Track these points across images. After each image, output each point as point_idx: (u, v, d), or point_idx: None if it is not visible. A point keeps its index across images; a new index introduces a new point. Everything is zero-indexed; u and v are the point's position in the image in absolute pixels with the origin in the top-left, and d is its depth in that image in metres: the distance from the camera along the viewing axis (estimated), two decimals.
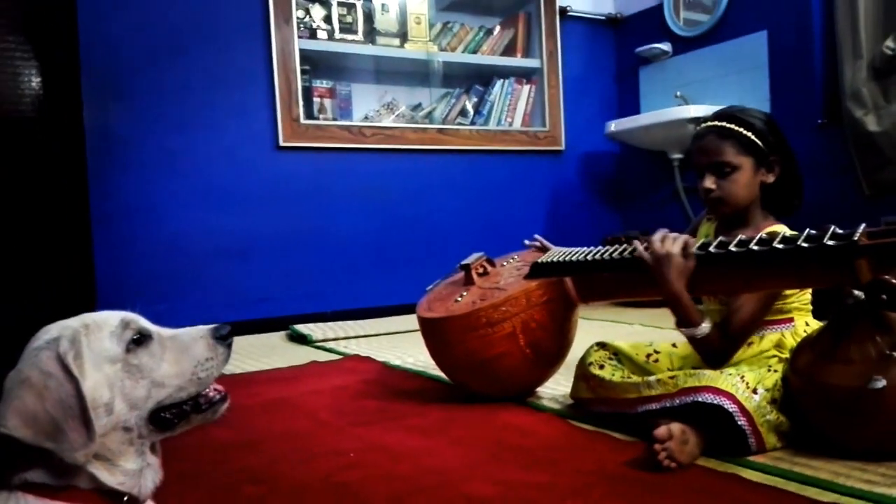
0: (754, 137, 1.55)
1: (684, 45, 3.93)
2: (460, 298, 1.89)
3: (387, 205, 3.68)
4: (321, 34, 3.58)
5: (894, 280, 1.20)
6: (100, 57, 3.01)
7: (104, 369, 0.81)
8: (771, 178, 1.58)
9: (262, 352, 2.83)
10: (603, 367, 1.65)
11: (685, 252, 1.43)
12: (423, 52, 3.84)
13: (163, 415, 0.85)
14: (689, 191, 3.68)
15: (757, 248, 1.30)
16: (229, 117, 3.32)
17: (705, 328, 1.45)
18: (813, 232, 1.26)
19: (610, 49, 4.41)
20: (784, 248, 1.27)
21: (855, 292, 1.30)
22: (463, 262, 2.01)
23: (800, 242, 1.25)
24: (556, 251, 1.82)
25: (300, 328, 3.14)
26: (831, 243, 1.21)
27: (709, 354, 1.49)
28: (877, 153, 3.01)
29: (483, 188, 3.94)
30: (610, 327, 3.08)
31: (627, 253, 1.54)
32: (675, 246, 1.44)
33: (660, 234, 1.48)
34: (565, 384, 1.84)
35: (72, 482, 0.79)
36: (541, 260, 1.77)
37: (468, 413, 1.76)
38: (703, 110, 3.33)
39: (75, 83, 2.58)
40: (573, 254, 1.70)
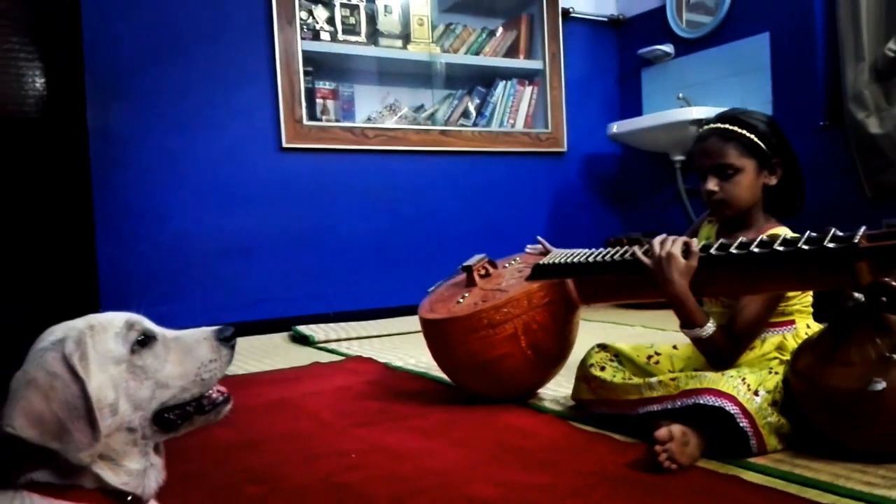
0: (757, 140, 1.55)
1: (687, 46, 3.93)
2: (462, 300, 1.89)
3: (389, 206, 3.69)
4: (324, 35, 3.59)
5: (894, 282, 1.20)
6: (103, 57, 3.02)
7: (109, 370, 0.82)
8: (773, 181, 1.58)
9: (264, 352, 2.83)
10: (604, 369, 1.65)
11: (686, 252, 1.44)
12: (426, 53, 3.85)
13: (166, 416, 0.86)
14: (691, 192, 3.68)
15: (758, 251, 1.31)
16: (232, 118, 3.33)
17: (709, 329, 1.46)
18: (813, 234, 1.27)
19: (612, 50, 4.41)
20: (784, 250, 1.27)
21: (855, 294, 1.30)
22: (465, 264, 2.02)
23: (800, 245, 1.26)
24: (557, 253, 1.83)
25: (302, 329, 3.14)
26: (832, 246, 1.22)
27: (714, 356, 1.49)
28: (878, 155, 3.01)
29: (485, 189, 3.94)
30: (611, 329, 3.09)
31: (629, 255, 1.55)
32: (676, 247, 1.45)
33: (659, 238, 1.49)
34: (566, 386, 1.84)
35: (76, 482, 0.80)
36: (542, 261, 1.77)
37: (469, 414, 1.76)
38: (705, 112, 3.33)
39: (79, 84, 2.60)
40: (575, 255, 1.70)
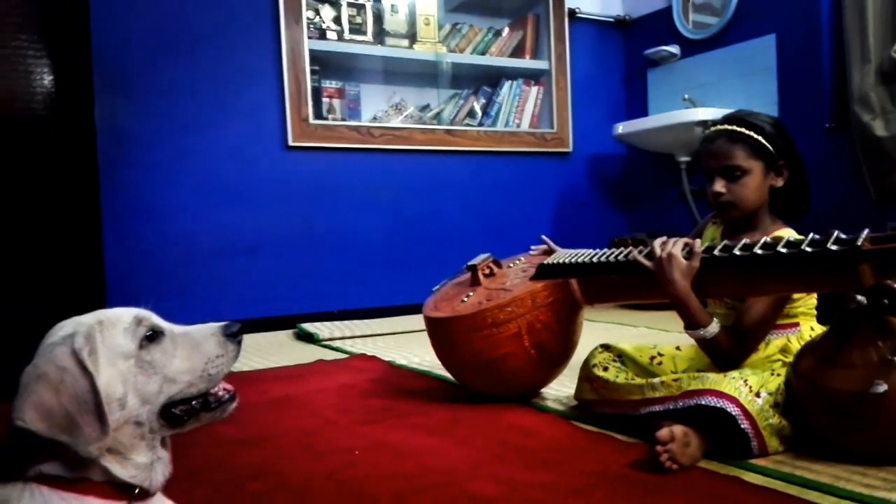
0: (764, 141, 1.55)
1: (693, 47, 3.93)
2: (466, 299, 1.90)
3: (394, 205, 3.70)
4: (331, 35, 3.60)
5: None
6: (111, 55, 3.03)
7: (118, 365, 0.83)
8: (780, 182, 1.58)
9: (269, 350, 2.85)
10: (607, 369, 1.66)
11: (688, 253, 1.45)
12: (432, 53, 3.86)
13: (173, 411, 0.87)
14: (696, 193, 3.68)
15: (761, 252, 1.31)
16: (239, 117, 3.34)
17: (713, 329, 1.46)
18: (817, 237, 1.27)
19: (618, 51, 4.41)
20: (787, 252, 1.28)
21: (857, 297, 1.31)
22: (469, 263, 2.03)
23: (803, 247, 1.26)
24: (562, 253, 1.83)
25: (307, 327, 3.16)
26: (835, 248, 1.22)
27: (719, 357, 1.49)
28: (884, 158, 3.01)
29: (490, 189, 3.95)
30: (615, 329, 3.09)
31: (624, 257, 1.55)
32: (677, 247, 1.46)
33: (660, 239, 1.50)
34: (569, 385, 1.85)
35: (85, 475, 0.81)
36: (547, 261, 1.78)
37: (473, 413, 1.77)
38: (711, 113, 3.33)
39: (87, 82, 2.60)
40: (579, 256, 1.71)
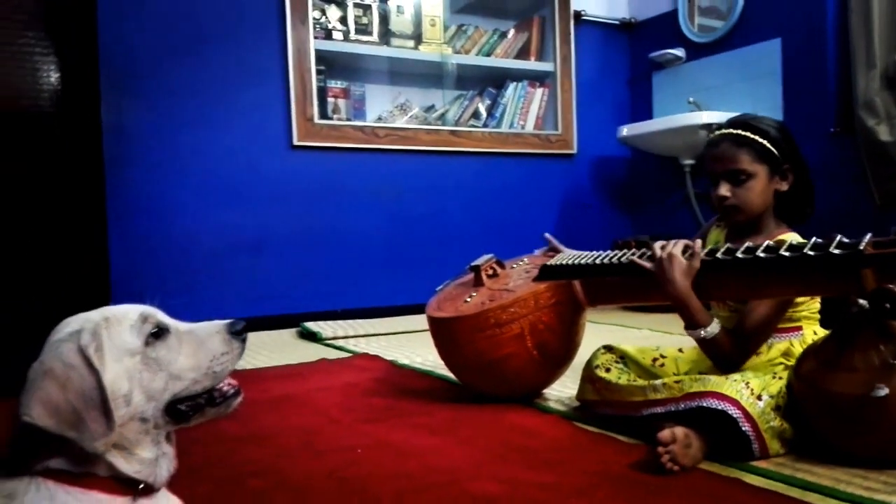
0: (769, 145, 1.55)
1: (698, 51, 3.93)
2: (469, 299, 1.91)
3: (398, 205, 3.71)
4: (336, 35, 3.61)
5: None
6: (118, 53, 3.04)
7: (124, 361, 0.83)
8: (784, 186, 1.59)
9: (272, 348, 2.86)
10: (609, 370, 1.66)
11: (687, 253, 1.45)
12: (438, 54, 3.86)
13: (178, 407, 0.88)
14: (701, 196, 3.68)
15: (763, 256, 1.32)
16: (244, 116, 3.36)
17: (713, 329, 1.46)
18: (819, 240, 1.28)
19: (623, 54, 4.41)
20: (790, 255, 1.28)
21: (859, 301, 1.31)
22: (473, 264, 2.03)
23: (806, 251, 1.27)
24: (565, 254, 1.84)
25: (310, 326, 3.17)
26: (837, 252, 1.23)
27: (719, 358, 1.49)
28: (888, 163, 3.01)
29: (494, 190, 3.96)
30: (618, 331, 3.09)
31: (625, 259, 1.56)
32: (677, 248, 1.46)
33: (660, 242, 1.50)
34: (572, 386, 1.85)
35: (91, 469, 0.82)
36: (550, 262, 1.79)
37: (475, 413, 1.77)
38: (715, 117, 3.33)
39: (93, 79, 2.62)
40: (582, 257, 1.72)
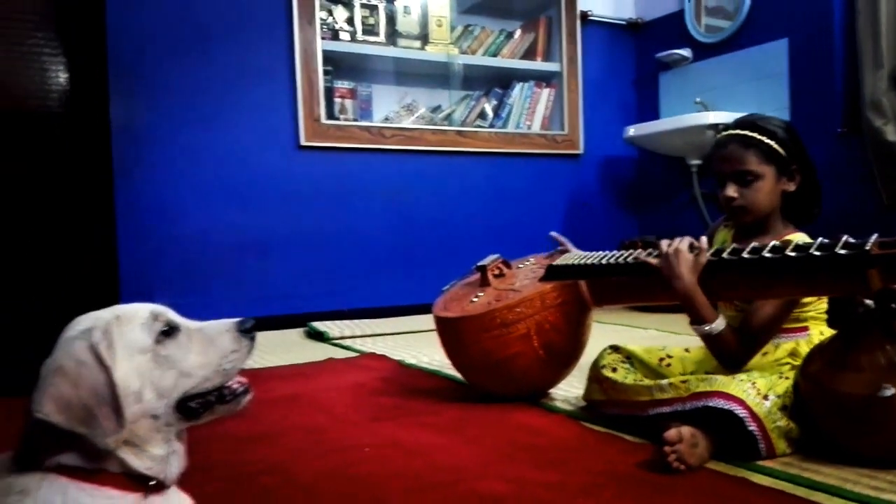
0: (777, 146, 1.55)
1: (705, 51, 3.93)
2: (476, 299, 1.91)
3: (405, 205, 3.72)
4: (343, 35, 3.62)
5: None
6: (126, 53, 3.06)
7: (135, 359, 0.84)
8: (792, 187, 1.58)
9: (280, 348, 2.87)
10: (616, 370, 1.66)
11: (693, 248, 1.46)
12: (444, 54, 3.87)
13: (189, 404, 0.89)
14: (707, 197, 3.68)
15: (769, 256, 1.32)
16: (251, 116, 3.37)
17: (719, 325, 1.46)
18: (825, 241, 1.28)
19: (630, 54, 4.41)
20: (796, 256, 1.28)
21: (866, 301, 1.31)
22: (479, 264, 2.04)
23: (812, 251, 1.27)
24: (572, 254, 1.84)
25: (317, 325, 3.18)
26: (843, 252, 1.23)
27: (724, 355, 1.49)
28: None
29: (501, 190, 3.96)
30: (624, 331, 3.09)
31: (631, 259, 1.56)
32: (683, 244, 1.47)
33: (666, 240, 1.51)
34: (578, 386, 1.86)
35: (102, 466, 0.83)
36: (556, 262, 1.79)
37: (482, 412, 1.78)
38: (722, 117, 3.32)
39: (102, 79, 2.63)
40: (589, 257, 1.72)
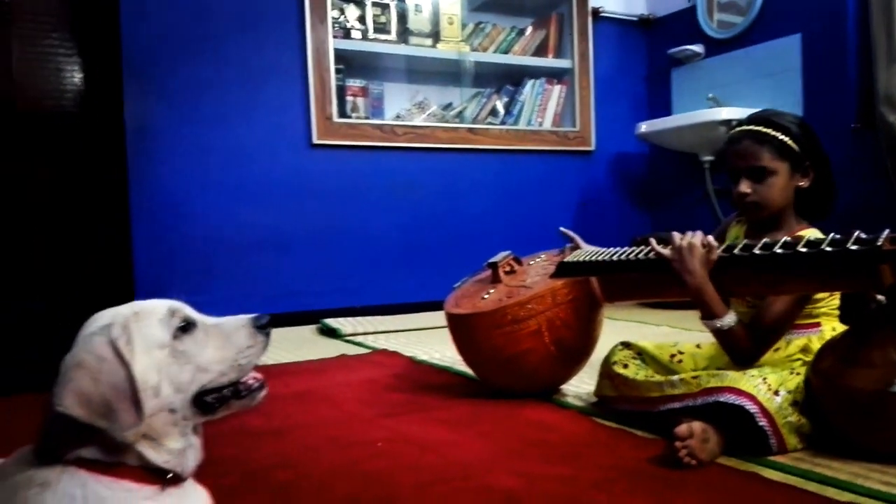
0: (790, 142, 1.54)
1: (717, 46, 3.91)
2: (487, 296, 1.92)
3: (417, 203, 3.73)
4: (355, 34, 3.64)
5: None
6: (140, 53, 3.09)
7: (153, 354, 0.86)
8: (805, 183, 1.58)
9: (293, 344, 2.89)
10: (627, 366, 1.67)
11: (705, 243, 1.46)
12: (455, 52, 3.88)
13: (205, 399, 0.90)
14: (720, 193, 3.67)
15: (781, 252, 1.32)
16: (264, 114, 3.39)
17: (730, 320, 1.46)
18: (837, 236, 1.28)
19: (642, 50, 4.40)
20: (807, 251, 1.28)
21: (877, 297, 1.31)
22: (490, 261, 2.05)
23: (823, 247, 1.27)
24: (583, 251, 1.85)
25: (330, 322, 3.20)
26: (854, 248, 1.23)
27: (735, 351, 1.49)
28: None
29: (512, 187, 3.97)
30: (636, 328, 3.10)
31: (652, 254, 1.57)
32: (696, 238, 1.48)
33: (678, 234, 1.51)
34: (589, 382, 1.86)
35: (121, 459, 0.84)
36: (567, 259, 1.80)
37: (493, 408, 1.79)
38: (735, 113, 3.31)
39: (116, 79, 2.66)
40: (600, 254, 1.73)
